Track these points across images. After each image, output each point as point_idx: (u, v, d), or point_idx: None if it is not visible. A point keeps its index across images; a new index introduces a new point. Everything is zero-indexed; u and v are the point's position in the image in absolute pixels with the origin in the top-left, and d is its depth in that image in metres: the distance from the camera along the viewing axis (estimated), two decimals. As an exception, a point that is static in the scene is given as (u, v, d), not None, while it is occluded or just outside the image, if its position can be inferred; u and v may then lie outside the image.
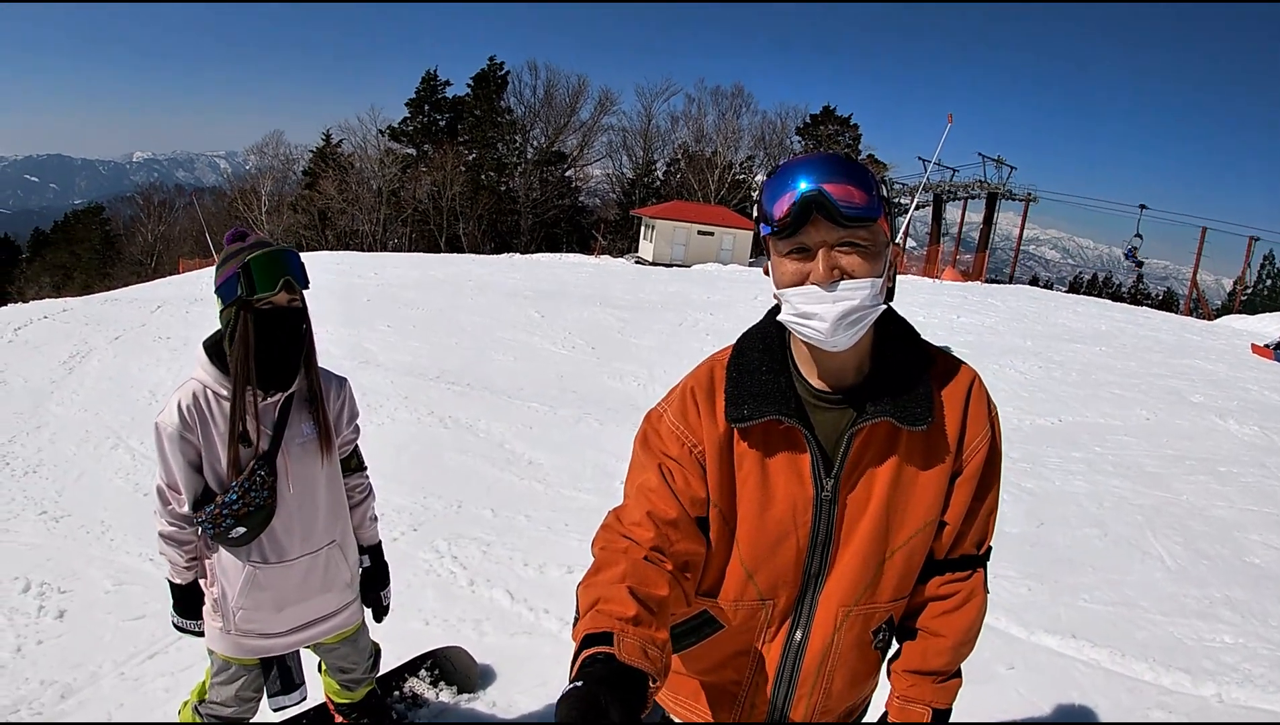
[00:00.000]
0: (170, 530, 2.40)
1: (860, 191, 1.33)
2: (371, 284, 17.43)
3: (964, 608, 1.62)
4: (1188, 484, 7.05)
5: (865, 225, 1.34)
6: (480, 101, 55.60)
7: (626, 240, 51.43)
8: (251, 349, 2.25)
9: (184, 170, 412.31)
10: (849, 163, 1.37)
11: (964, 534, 1.59)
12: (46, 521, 5.62)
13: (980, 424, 1.53)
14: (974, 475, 1.54)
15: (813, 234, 1.34)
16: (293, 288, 2.27)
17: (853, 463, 1.48)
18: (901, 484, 1.49)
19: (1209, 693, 3.91)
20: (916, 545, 1.54)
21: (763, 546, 1.52)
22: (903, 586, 1.58)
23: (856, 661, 1.62)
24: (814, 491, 1.48)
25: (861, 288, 1.34)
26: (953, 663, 1.64)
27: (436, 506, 5.93)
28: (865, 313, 1.36)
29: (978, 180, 43.90)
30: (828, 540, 1.51)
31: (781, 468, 1.49)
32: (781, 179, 1.36)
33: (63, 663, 3.87)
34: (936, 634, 1.63)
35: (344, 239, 49.77)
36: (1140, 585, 5.03)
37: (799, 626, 1.57)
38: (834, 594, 1.54)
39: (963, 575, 1.62)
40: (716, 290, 19.54)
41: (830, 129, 55.42)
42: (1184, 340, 15.87)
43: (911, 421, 1.44)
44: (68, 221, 63.64)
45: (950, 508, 1.55)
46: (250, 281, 2.20)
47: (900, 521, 1.51)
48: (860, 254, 1.35)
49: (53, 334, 11.93)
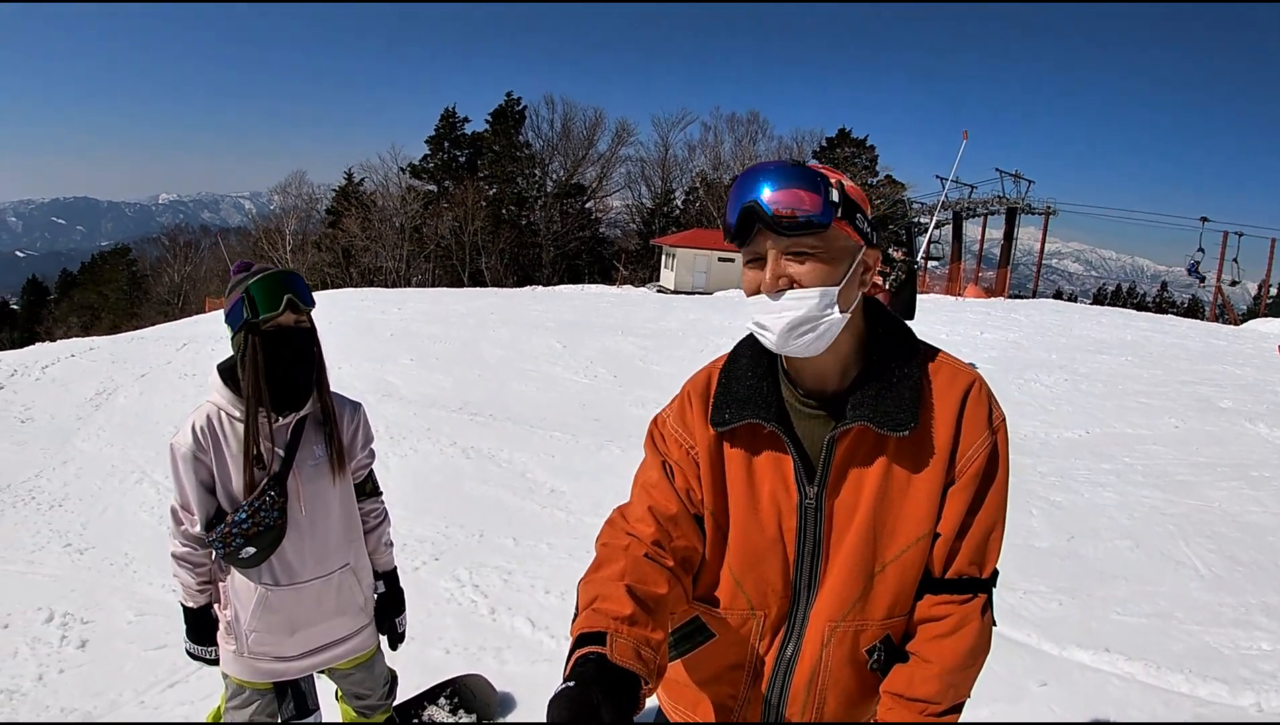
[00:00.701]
0: (183, 551, 2.43)
1: (810, 196, 1.31)
2: (395, 319, 17.52)
3: (957, 633, 1.48)
4: (1219, 491, 6.92)
5: (811, 232, 1.32)
6: (499, 137, 56.31)
7: (648, 270, 51.70)
8: (262, 371, 2.29)
9: (209, 211, 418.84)
10: (798, 168, 1.35)
11: (958, 549, 1.49)
12: (71, 553, 5.69)
13: (977, 430, 1.45)
14: (969, 484, 1.46)
15: (761, 243, 1.35)
16: (297, 307, 2.30)
17: (837, 469, 1.45)
18: (890, 493, 1.45)
19: (1247, 702, 3.82)
20: (909, 560, 1.48)
21: (750, 553, 1.50)
22: (898, 604, 1.51)
23: (850, 681, 1.54)
24: (798, 497, 1.46)
25: (808, 297, 1.33)
26: (940, 693, 1.48)
27: (458, 536, 5.92)
28: (815, 323, 1.34)
29: (996, 196, 43.82)
30: (816, 550, 1.48)
31: (766, 473, 1.48)
32: (736, 188, 1.37)
33: (84, 691, 3.93)
34: (925, 659, 1.50)
35: (368, 276, 50.32)
36: (1174, 596, 4.93)
37: (790, 640, 1.54)
38: (823, 608, 1.50)
39: (960, 598, 1.50)
40: (739, 316, 19.47)
41: (846, 151, 55.54)
42: (1210, 346, 15.65)
43: (892, 426, 1.40)
44: (95, 263, 64.94)
45: (944, 518, 1.47)
46: (254, 305, 2.25)
47: (890, 533, 1.46)
48: (812, 260, 1.33)
49: (80, 372, 12.06)
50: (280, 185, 61.02)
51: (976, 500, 1.47)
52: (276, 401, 2.35)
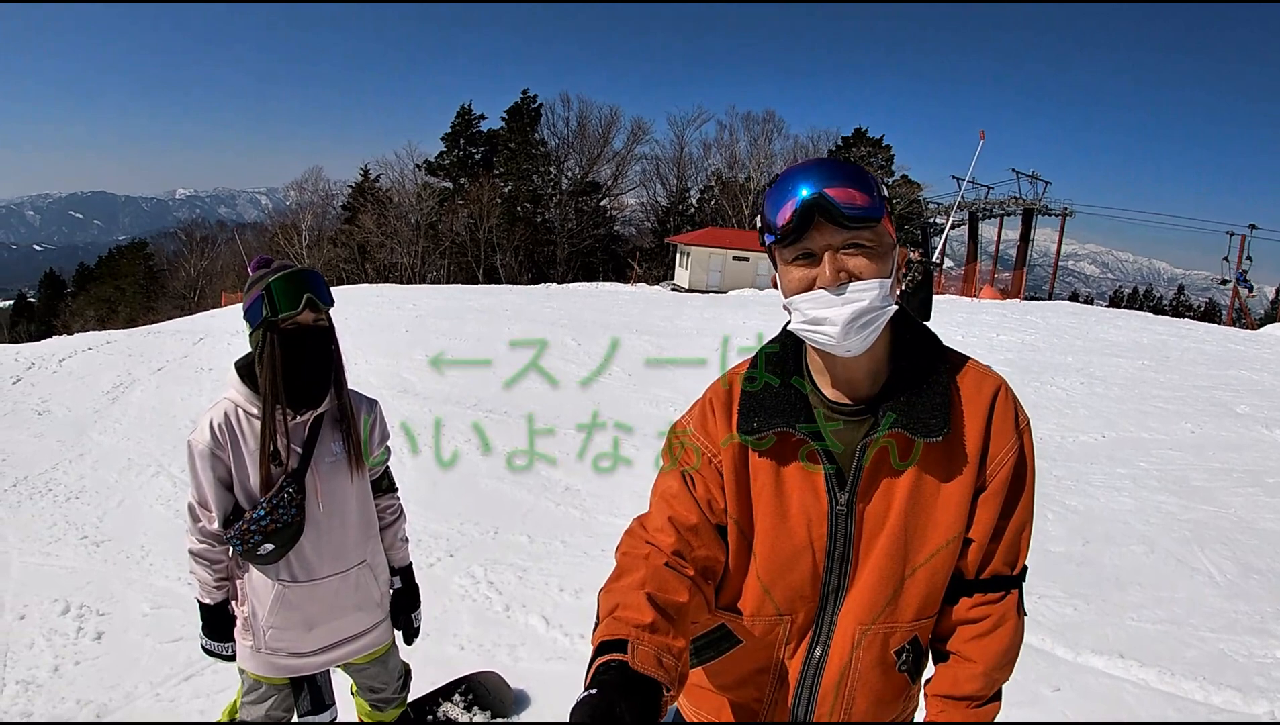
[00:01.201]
0: (200, 548, 2.45)
1: (861, 193, 1.31)
2: (410, 315, 17.57)
3: (996, 632, 1.53)
4: (1235, 497, 6.88)
5: (869, 226, 1.32)
6: (514, 134, 56.35)
7: (662, 268, 51.67)
8: (279, 368, 2.30)
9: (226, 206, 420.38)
10: (847, 165, 1.35)
11: (992, 553, 1.52)
12: (87, 546, 5.74)
13: (1006, 435, 1.46)
14: (1000, 490, 1.47)
15: (817, 238, 1.32)
16: (316, 306, 2.31)
17: (868, 476, 1.44)
18: (921, 498, 1.45)
19: (1261, 710, 3.81)
20: (939, 563, 1.49)
21: (779, 561, 1.49)
22: (927, 606, 1.52)
23: (879, 682, 1.56)
24: (829, 505, 1.45)
25: (870, 288, 1.32)
26: (986, 688, 1.55)
27: (473, 533, 5.95)
28: (876, 314, 1.33)
29: (1013, 197, 43.57)
30: (846, 555, 1.48)
31: (796, 480, 1.47)
32: (782, 186, 1.35)
33: (99, 683, 3.96)
34: (968, 659, 1.55)
35: (383, 272, 50.47)
36: (1189, 602, 4.91)
37: (818, 643, 1.54)
38: (852, 611, 1.50)
39: (994, 597, 1.53)
40: (753, 315, 19.46)
41: (863, 151, 55.38)
42: (1228, 351, 15.53)
43: (926, 432, 1.39)
44: (112, 257, 65.29)
45: (976, 524, 1.49)
46: (273, 302, 2.26)
47: (921, 537, 1.46)
48: (866, 255, 1.33)
49: (96, 365, 12.17)
50: (297, 181, 61.51)
51: (1008, 505, 1.50)
52: (293, 399, 2.36)
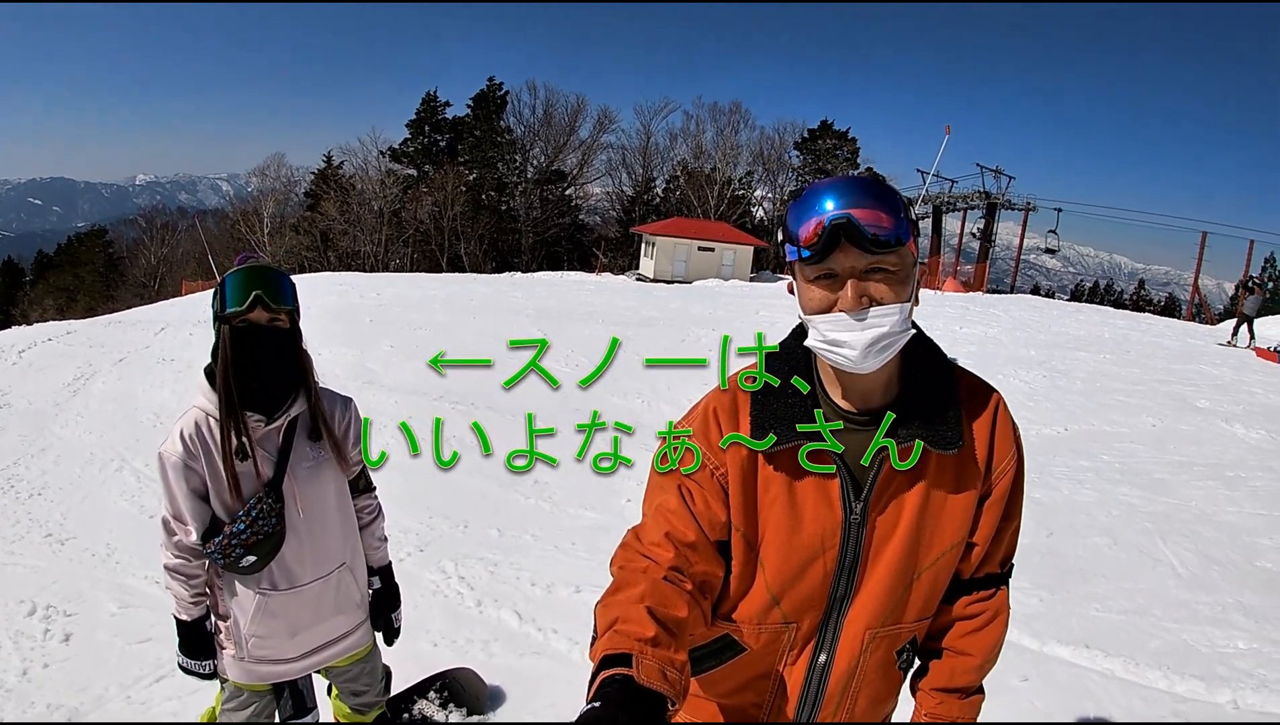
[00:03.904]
0: (176, 563, 2.36)
1: (889, 216, 1.30)
2: (373, 304, 17.43)
3: (990, 626, 1.62)
4: (1196, 490, 7.02)
5: (893, 251, 1.31)
6: (480, 122, 55.88)
7: (627, 257, 51.52)
8: (229, 366, 2.23)
9: (186, 193, 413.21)
10: (877, 185, 1.34)
11: (991, 554, 1.58)
12: (52, 544, 5.62)
13: (1007, 447, 1.51)
14: (1002, 498, 1.52)
15: (840, 260, 1.31)
16: (267, 306, 2.23)
17: (882, 486, 1.45)
18: (930, 507, 1.47)
19: (1224, 699, 3.89)
20: (943, 566, 1.53)
21: (790, 571, 1.49)
22: (928, 607, 1.56)
23: (880, 682, 1.59)
24: (843, 515, 1.45)
25: (890, 314, 1.31)
26: (978, 679, 1.65)
27: (443, 527, 5.91)
28: (894, 339, 1.33)
29: (977, 191, 43.96)
30: (855, 563, 1.48)
31: (809, 491, 1.46)
32: (808, 202, 1.33)
33: (69, 686, 3.87)
34: (964, 653, 1.62)
35: (346, 260, 49.89)
36: (1152, 593, 5.00)
37: (823, 649, 1.54)
38: (860, 616, 1.51)
39: (987, 594, 1.61)
40: (719, 306, 19.55)
41: (828, 143, 55.63)
42: (1188, 345, 15.87)
43: (943, 445, 1.41)
44: (71, 244, 63.85)
45: (979, 530, 1.54)
46: (223, 297, 2.21)
47: (928, 544, 1.49)
48: (888, 281, 1.32)
49: (57, 356, 11.92)
50: (259, 168, 60.18)
51: (1008, 510, 1.56)
52: (251, 401, 2.29)
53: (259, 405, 2.30)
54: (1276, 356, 14.89)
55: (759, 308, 18.85)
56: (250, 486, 2.32)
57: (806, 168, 55.99)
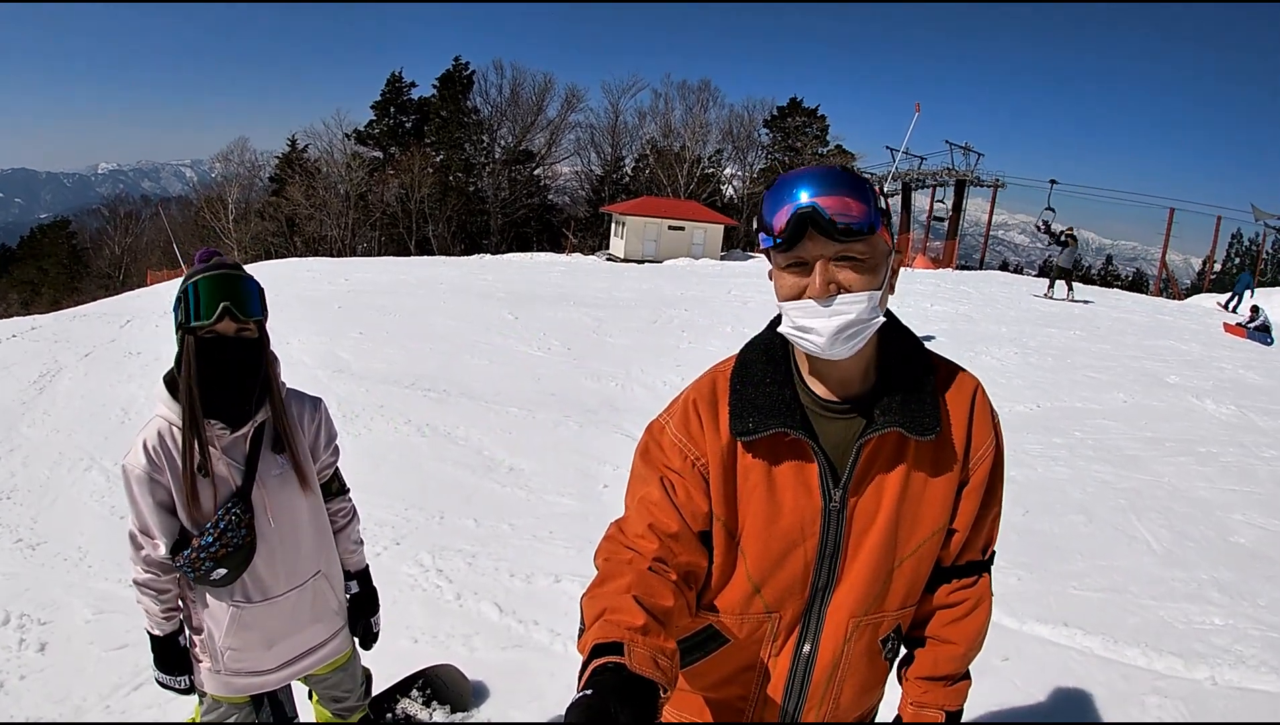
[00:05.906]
0: (146, 578, 2.28)
1: (858, 204, 1.32)
2: (342, 290, 17.23)
3: (973, 614, 1.64)
4: (1168, 466, 7.09)
5: (862, 239, 1.33)
6: (446, 102, 55.37)
7: (597, 237, 51.34)
8: (194, 377, 2.14)
9: (150, 180, 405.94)
10: (848, 175, 1.36)
11: (972, 541, 1.61)
12: (23, 549, 5.51)
13: (985, 433, 1.54)
14: (981, 484, 1.55)
15: (810, 248, 1.34)
16: (236, 317, 2.13)
17: (861, 473, 1.47)
18: (910, 494, 1.49)
19: (1202, 675, 3.92)
20: (924, 554, 1.55)
21: (770, 559, 1.50)
22: (910, 595, 1.58)
23: (866, 670, 1.62)
24: (822, 503, 1.47)
25: (857, 302, 1.34)
26: (963, 666, 1.67)
27: (418, 518, 5.85)
28: (862, 326, 1.36)
29: (946, 168, 44.11)
30: (836, 551, 1.50)
31: (789, 479, 1.48)
32: (779, 191, 1.36)
33: (47, 698, 3.78)
34: (947, 641, 1.65)
35: (313, 245, 49.41)
36: (1128, 570, 5.04)
37: (807, 639, 1.56)
38: (843, 605, 1.53)
39: (969, 582, 1.64)
40: (690, 286, 19.51)
41: (798, 120, 55.62)
42: (1157, 321, 16.01)
43: (921, 431, 1.43)
44: (34, 236, 62.99)
45: (958, 517, 1.56)
46: (189, 307, 2.11)
47: (909, 531, 1.51)
48: (856, 268, 1.35)
49: (22, 353, 11.72)
50: (222, 153, 59.23)
51: (987, 497, 1.58)
52: (215, 411, 2.19)
53: (223, 414, 2.21)
54: (1244, 332, 15.12)
55: (731, 287, 18.85)
56: (218, 497, 2.24)
57: (776, 146, 56.02)
